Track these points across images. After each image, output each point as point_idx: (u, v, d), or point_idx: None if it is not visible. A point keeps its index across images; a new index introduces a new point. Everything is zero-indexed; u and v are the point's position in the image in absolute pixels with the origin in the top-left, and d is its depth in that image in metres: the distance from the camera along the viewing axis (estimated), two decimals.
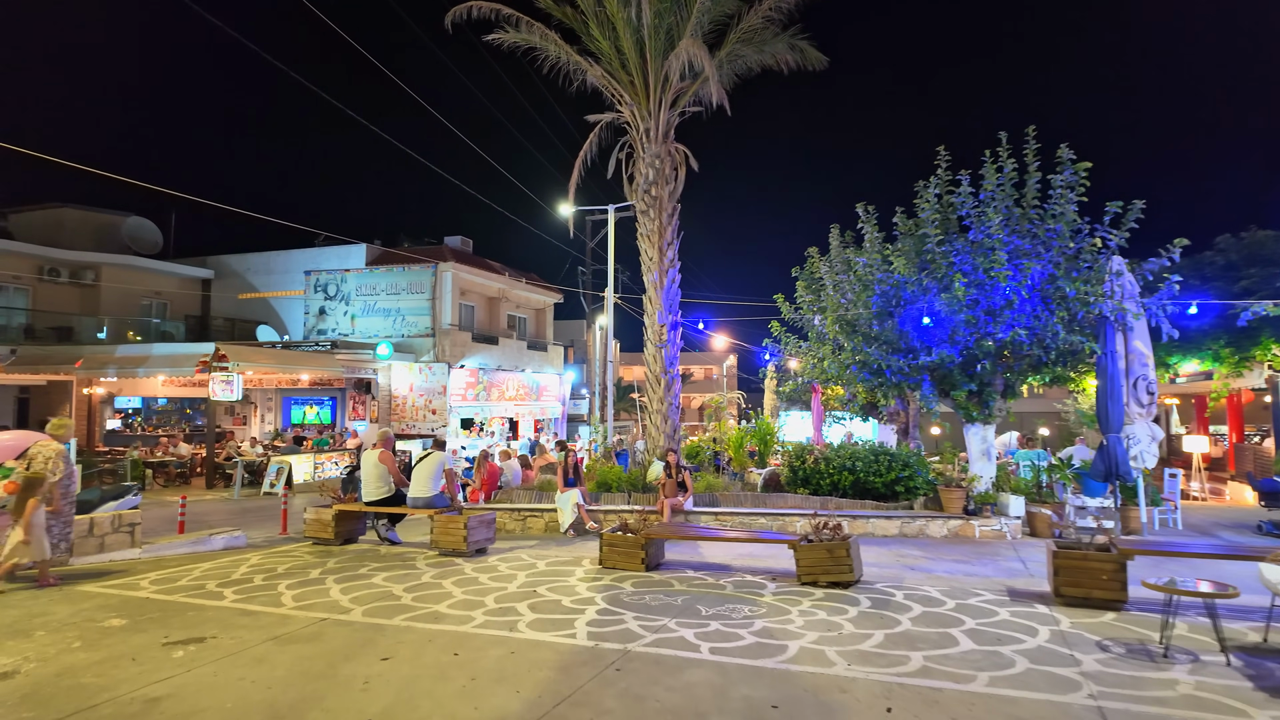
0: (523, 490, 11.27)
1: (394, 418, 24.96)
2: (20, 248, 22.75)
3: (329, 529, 8.66)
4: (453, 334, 24.76)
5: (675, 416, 12.17)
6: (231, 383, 18.02)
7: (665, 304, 12.16)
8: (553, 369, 31.16)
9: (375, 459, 8.62)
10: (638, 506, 10.60)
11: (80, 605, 5.89)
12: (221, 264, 28.54)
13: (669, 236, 12.29)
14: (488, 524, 8.26)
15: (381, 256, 26.78)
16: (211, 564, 7.62)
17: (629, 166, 12.72)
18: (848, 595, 6.34)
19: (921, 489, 10.81)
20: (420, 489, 8.37)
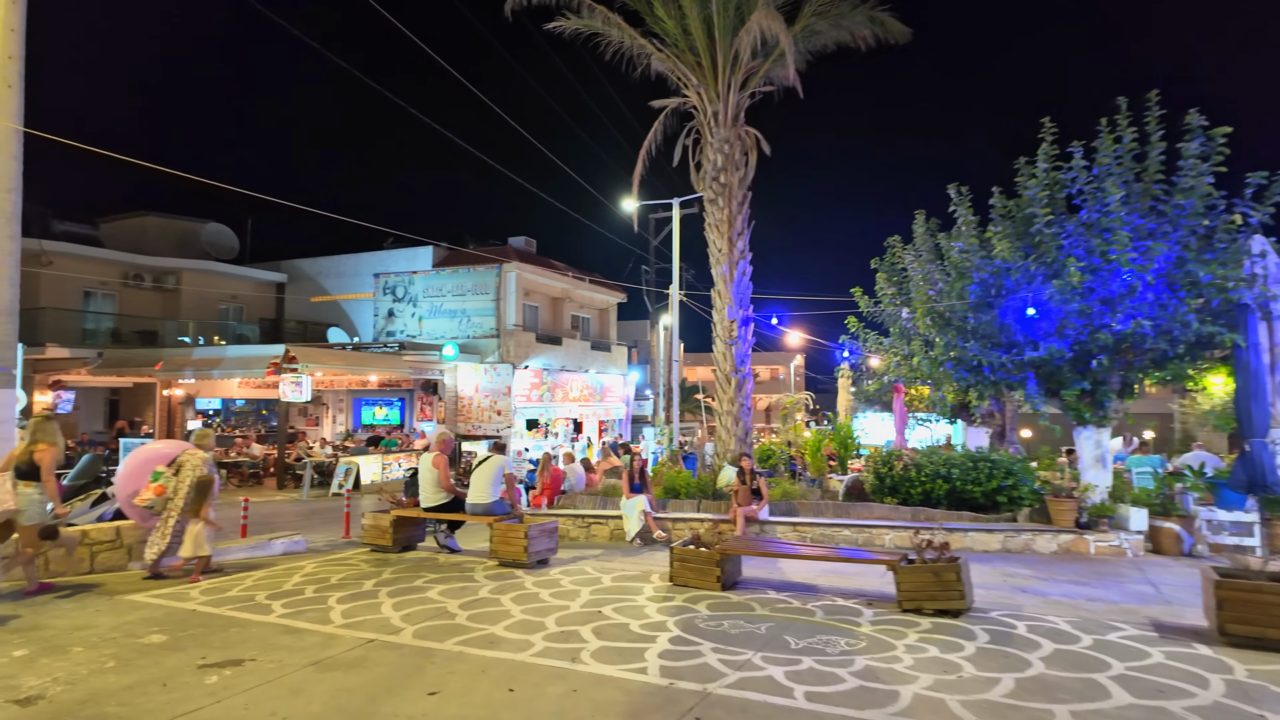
0: (586, 495, 10.71)
1: (460, 419, 24.94)
2: (108, 255, 23.70)
3: (386, 536, 8.28)
4: (517, 334, 24.55)
5: (747, 418, 11.40)
6: (301, 384, 18.17)
7: (735, 298, 11.39)
8: (616, 370, 30.70)
9: (430, 463, 8.19)
10: (708, 515, 9.89)
11: (125, 617, 5.58)
12: (294, 268, 29.22)
13: (739, 226, 11.52)
14: (550, 533, 7.70)
15: (447, 258, 26.85)
16: (265, 571, 7.31)
17: (696, 153, 12.01)
18: (960, 626, 5.47)
19: (1026, 499, 9.73)
20: (479, 495, 7.89)
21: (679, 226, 19.67)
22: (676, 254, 18.38)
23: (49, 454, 6.14)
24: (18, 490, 6.12)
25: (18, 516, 6.10)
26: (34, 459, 6.11)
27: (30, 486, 6.13)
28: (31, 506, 6.12)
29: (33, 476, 6.13)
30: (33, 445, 6.17)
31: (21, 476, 6.15)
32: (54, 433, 6.30)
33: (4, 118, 7.23)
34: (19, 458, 6.18)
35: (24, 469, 6.15)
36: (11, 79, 7.29)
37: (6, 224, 7.26)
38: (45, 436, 6.22)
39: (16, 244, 7.40)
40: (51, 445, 6.18)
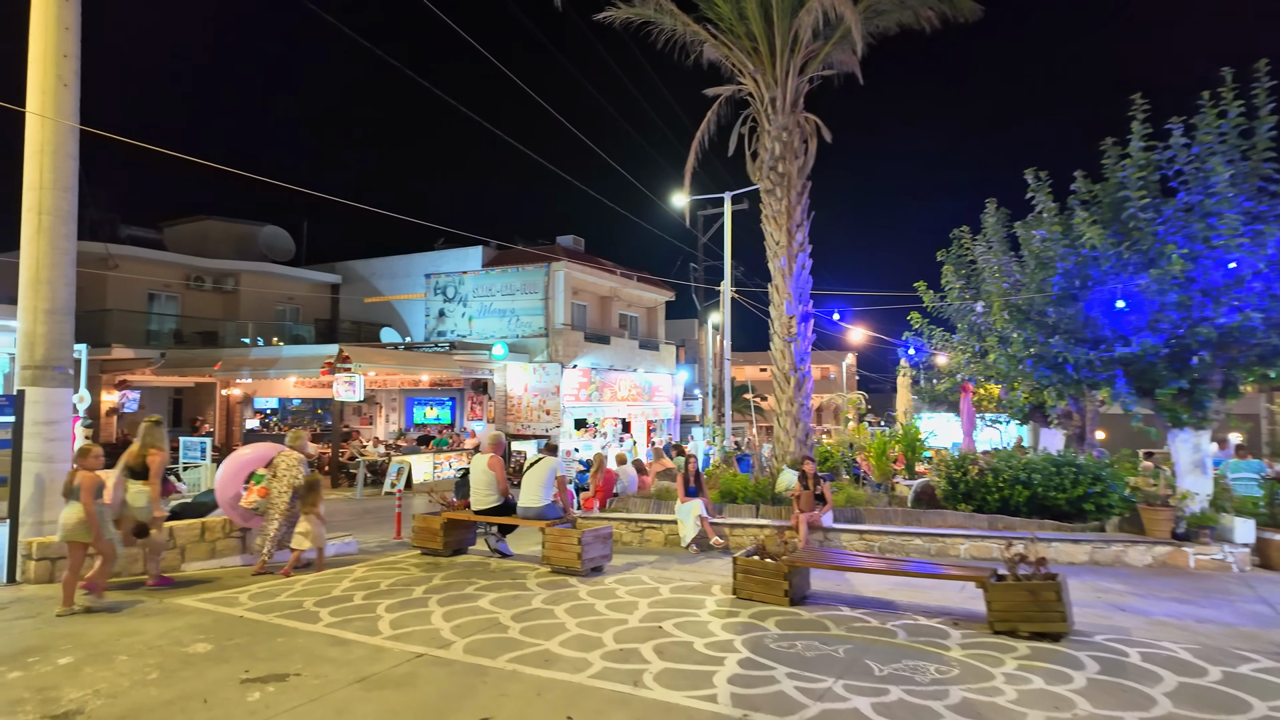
0: (639, 499, 10.34)
1: (509, 418, 24.89)
2: (171, 258, 24.37)
3: (437, 539, 8.05)
4: (565, 334, 24.37)
5: (807, 419, 10.87)
6: (354, 383, 18.28)
7: (794, 293, 10.87)
8: (665, 369, 30.30)
9: (484, 464, 7.92)
10: (768, 521, 9.41)
11: (172, 623, 5.43)
12: (349, 269, 29.65)
13: (798, 217, 11.00)
14: (604, 539, 7.34)
15: (497, 258, 26.87)
16: (315, 576, 7.14)
17: (752, 142, 11.53)
18: (1063, 653, 4.91)
19: (1116, 508, 8.98)
20: (530, 498, 7.59)
21: (730, 220, 19.16)
22: (728, 249, 17.88)
23: (158, 458, 6.52)
24: (129, 488, 6.49)
25: (125, 511, 6.45)
26: (145, 461, 6.49)
27: (141, 485, 6.51)
28: (139, 501, 6.48)
29: (144, 476, 6.50)
30: (144, 449, 6.54)
31: (133, 476, 6.51)
32: (162, 438, 6.71)
33: (61, 117, 7.23)
34: (132, 458, 6.53)
35: (136, 469, 6.51)
36: (68, 78, 7.29)
37: (63, 224, 7.25)
38: (155, 441, 6.60)
39: (73, 243, 7.39)
40: (160, 450, 6.56)
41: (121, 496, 6.45)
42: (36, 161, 7.16)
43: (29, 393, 7.00)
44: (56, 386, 7.16)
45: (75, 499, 5.81)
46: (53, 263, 7.17)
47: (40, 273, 7.12)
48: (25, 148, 7.20)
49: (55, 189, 7.20)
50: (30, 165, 7.17)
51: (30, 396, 6.98)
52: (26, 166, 7.18)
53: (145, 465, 6.48)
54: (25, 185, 7.17)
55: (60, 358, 7.20)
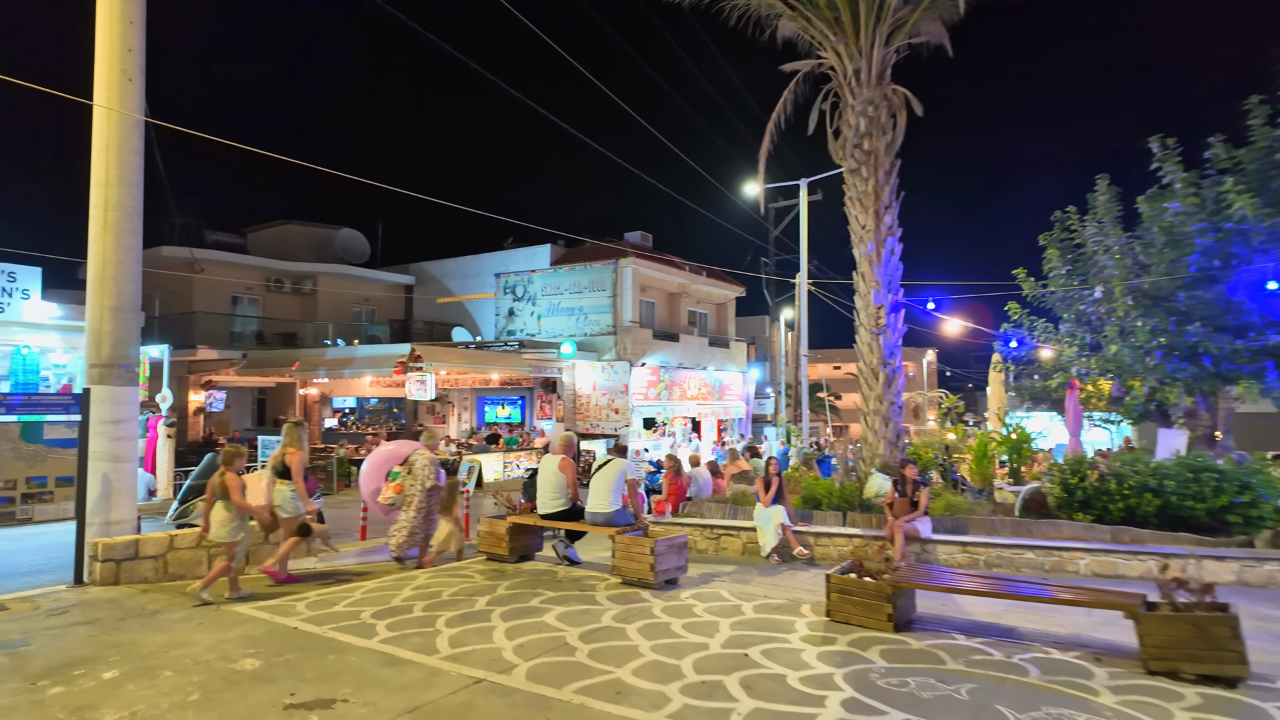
0: (714, 503, 9.68)
1: (578, 417, 24.60)
2: (252, 261, 25.13)
3: (503, 544, 7.62)
4: (633, 331, 23.89)
5: (898, 418, 9.98)
6: (425, 382, 18.29)
7: (884, 280, 9.99)
8: (735, 367, 29.46)
9: (555, 466, 7.44)
10: (857, 530, 8.61)
11: (225, 634, 5.13)
12: (422, 270, 30.04)
13: (887, 198, 10.11)
14: (679, 549, 6.74)
15: (565, 256, 26.65)
16: (377, 582, 6.80)
17: (834, 119, 10.70)
18: (1244, 703, 4.01)
19: (1268, 520, 7.79)
20: (599, 502, 7.05)
21: (806, 211, 18.23)
22: (804, 239, 16.97)
23: (297, 457, 6.76)
24: (276, 487, 6.74)
25: (278, 511, 6.72)
26: (286, 461, 6.73)
27: (285, 485, 6.74)
28: (286, 502, 6.71)
29: (287, 475, 6.75)
30: (285, 449, 6.81)
31: (279, 476, 6.78)
32: (301, 438, 6.93)
33: (126, 111, 7.14)
34: (276, 459, 6.80)
35: (279, 469, 6.76)
36: (132, 72, 7.19)
37: (128, 219, 7.15)
38: (294, 441, 6.86)
39: (138, 240, 7.30)
40: (299, 449, 6.81)
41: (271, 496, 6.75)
42: (103, 157, 7.09)
43: (95, 391, 6.92)
44: (123, 385, 7.07)
45: (226, 499, 6.14)
46: (118, 259, 7.08)
47: (106, 269, 7.04)
48: (92, 144, 7.13)
49: (121, 184, 7.11)
50: (96, 161, 7.10)
51: (96, 395, 6.90)
52: (93, 162, 7.12)
53: (286, 465, 6.74)
54: (92, 181, 7.11)
55: (126, 356, 7.11)
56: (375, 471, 8.48)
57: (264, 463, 16.50)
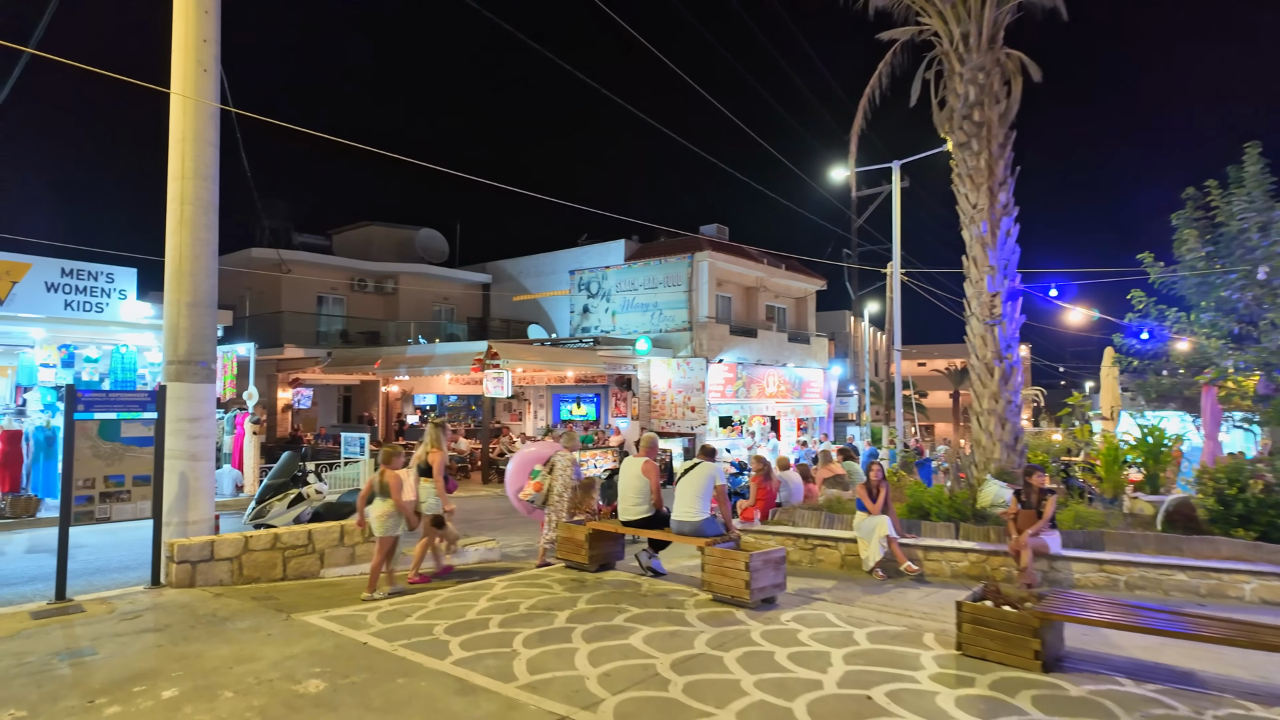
0: (807, 510, 8.92)
1: (653, 415, 24.08)
2: (337, 261, 25.73)
3: (582, 551, 7.12)
4: (710, 327, 23.19)
5: (1016, 419, 8.96)
6: (502, 379, 18.16)
7: (999, 265, 8.99)
8: (816, 363, 28.30)
9: (638, 470, 6.88)
10: (973, 544, 7.70)
11: (291, 649, 4.80)
12: (498, 269, 30.19)
13: (1000, 174, 9.09)
14: (776, 565, 6.06)
15: (639, 251, 26.17)
16: (452, 591, 6.41)
17: (939, 89, 9.73)
18: None
19: None
20: (686, 510, 6.44)
21: (899, 195, 17.08)
22: (897, 225, 15.86)
23: (439, 457, 6.97)
24: (420, 485, 6.93)
25: (420, 507, 6.89)
26: (428, 460, 6.97)
27: (428, 483, 6.95)
28: (429, 500, 6.92)
29: (429, 474, 6.96)
30: (427, 449, 7.04)
31: (422, 474, 6.98)
32: (442, 439, 7.10)
33: (202, 105, 7.00)
34: (420, 458, 7.04)
35: (423, 468, 6.98)
36: (207, 63, 7.05)
37: (204, 213, 7.01)
38: (436, 442, 7.06)
39: (214, 234, 7.16)
40: (440, 450, 7.02)
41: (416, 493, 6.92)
42: (179, 150, 6.97)
43: (172, 389, 6.80)
44: (199, 382, 6.94)
45: (386, 496, 6.40)
46: (194, 254, 6.95)
47: (182, 264, 6.92)
48: (169, 137, 7.02)
49: (197, 178, 6.98)
50: (173, 154, 6.99)
51: (173, 392, 6.78)
52: (170, 157, 7.01)
53: (428, 464, 6.95)
54: (169, 175, 7.01)
55: (203, 352, 6.97)
56: (520, 471, 8.87)
57: (346, 459, 16.67)
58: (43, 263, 12.42)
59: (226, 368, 14.49)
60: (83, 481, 6.01)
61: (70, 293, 12.63)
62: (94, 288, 12.89)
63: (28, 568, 7.91)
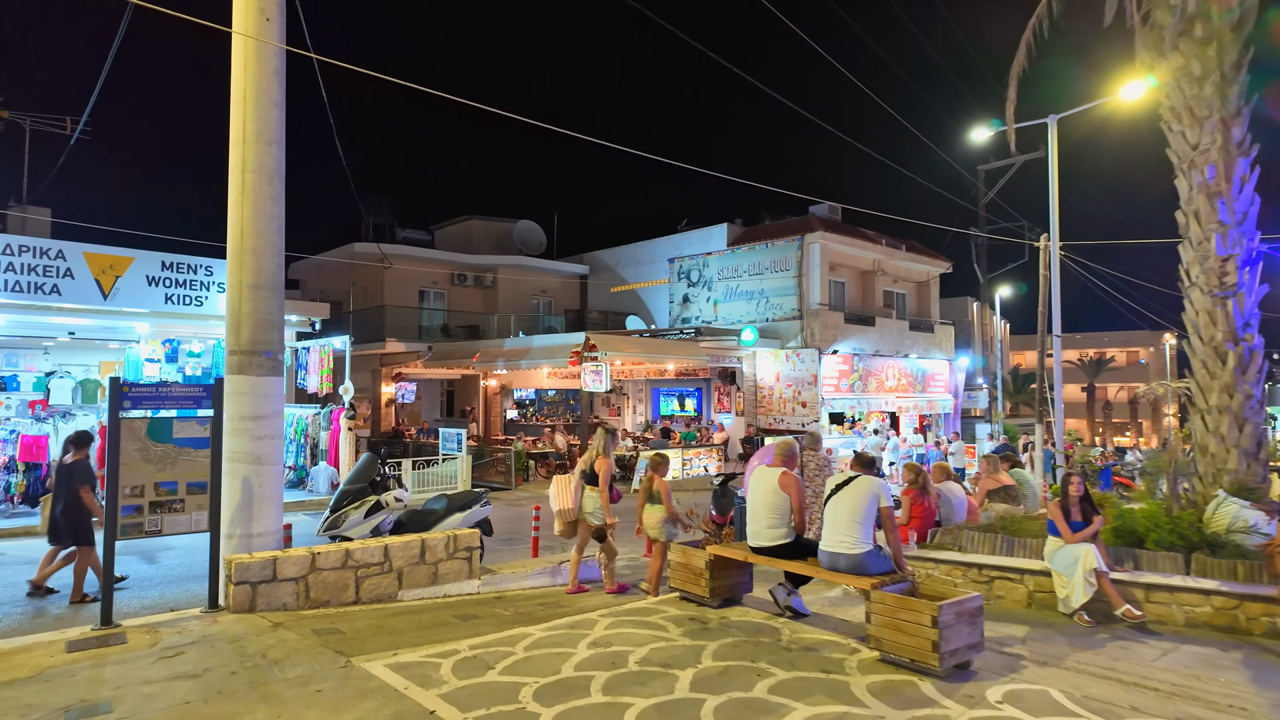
0: (975, 531, 7.21)
1: (759, 410, 22.46)
2: (438, 255, 25.58)
3: (701, 581, 5.79)
4: (822, 315, 21.32)
5: (1259, 418, 6.91)
6: (600, 373, 17.15)
7: (1232, 219, 6.95)
8: (941, 354, 25.77)
9: (773, 483, 5.46)
10: (1213, 583, 5.82)
11: (341, 716, 3.72)
12: (595, 259, 29.38)
13: (1234, 102, 7.03)
14: (972, 618, 4.50)
15: (743, 235, 24.57)
16: (545, 632, 5.22)
17: (1140, 2, 7.72)
18: None
19: None
20: (841, 538, 4.97)
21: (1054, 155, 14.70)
22: (1054, 190, 13.56)
23: (605, 465, 6.68)
24: (585, 494, 6.70)
25: (586, 518, 6.70)
26: (593, 467, 6.70)
27: (593, 491, 6.69)
28: (595, 510, 6.66)
29: (595, 482, 6.67)
30: (593, 455, 6.76)
31: (588, 482, 6.72)
32: (608, 445, 6.77)
33: (263, 58, 6.14)
34: (586, 464, 6.77)
35: (589, 475, 6.73)
36: (270, 11, 6.19)
37: (267, 182, 6.16)
38: (603, 449, 6.75)
39: (280, 206, 6.30)
40: (607, 458, 6.71)
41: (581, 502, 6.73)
42: (240, 111, 6.14)
43: (233, 382, 5.98)
44: (265, 375, 6.09)
45: (657, 502, 6.48)
46: (257, 229, 6.10)
47: (245, 241, 6.08)
48: (231, 98, 6.21)
49: (259, 142, 6.13)
50: (234, 117, 6.17)
51: (234, 386, 5.96)
52: (231, 120, 6.20)
53: (594, 472, 6.66)
54: (230, 141, 6.20)
55: (268, 341, 6.12)
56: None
57: (444, 456, 16.10)
58: (144, 256, 12.33)
59: (323, 361, 14.14)
60: (130, 489, 5.24)
61: (170, 286, 12.49)
62: (193, 281, 12.72)
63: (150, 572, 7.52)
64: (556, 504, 6.70)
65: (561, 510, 6.67)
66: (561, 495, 6.71)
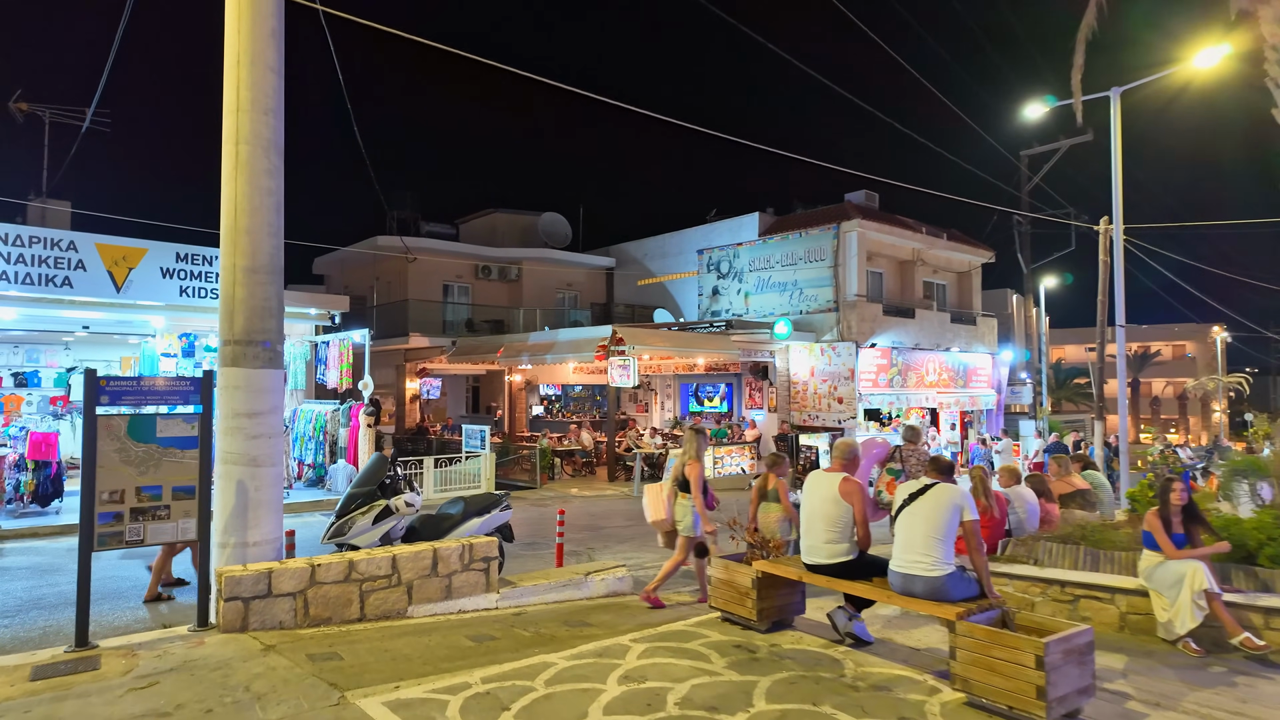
0: (1052, 541, 6.40)
1: (793, 406, 21.62)
2: (461, 248, 25.12)
3: (748, 602, 5.08)
4: (860, 306, 20.41)
5: None
6: (628, 367, 16.49)
7: None
8: (983, 347, 24.68)
9: (833, 490, 4.72)
10: None
11: None
12: (622, 252, 28.73)
13: None
14: (1082, 657, 3.75)
15: (775, 224, 23.71)
16: (570, 657, 4.56)
17: None
18: None
19: None
20: (916, 557, 4.23)
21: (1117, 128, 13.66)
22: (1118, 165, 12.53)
23: (697, 469, 6.16)
24: (677, 501, 6.22)
25: (677, 526, 6.21)
26: (685, 473, 6.17)
27: (685, 499, 6.16)
28: (686, 518, 6.16)
29: (688, 489, 6.16)
30: (684, 459, 6.26)
31: (681, 488, 6.20)
32: (700, 447, 6.26)
33: (258, 18, 5.56)
34: (678, 471, 6.27)
35: (680, 481, 6.21)
36: None
37: (263, 154, 5.58)
38: (695, 452, 6.24)
39: (278, 181, 5.71)
40: (698, 461, 6.20)
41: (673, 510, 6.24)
42: (234, 77, 5.56)
43: (226, 375, 5.42)
44: (261, 367, 5.51)
45: (775, 500, 6.04)
46: (252, 206, 5.53)
47: (238, 220, 5.51)
48: (224, 65, 5.64)
49: (254, 110, 5.55)
50: (228, 84, 5.59)
51: (227, 380, 5.40)
52: (225, 88, 5.62)
53: (685, 478, 6.15)
54: (224, 110, 5.62)
55: (264, 329, 5.54)
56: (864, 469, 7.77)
57: (468, 453, 15.59)
58: (158, 247, 11.93)
59: (343, 356, 13.68)
60: (108, 494, 4.70)
61: (186, 278, 12.09)
62: (209, 273, 12.30)
63: None
64: (650, 515, 6.36)
65: (655, 522, 6.35)
66: (654, 505, 6.34)
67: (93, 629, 4.73)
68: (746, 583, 5.07)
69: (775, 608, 5.09)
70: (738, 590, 5.14)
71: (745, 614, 5.07)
